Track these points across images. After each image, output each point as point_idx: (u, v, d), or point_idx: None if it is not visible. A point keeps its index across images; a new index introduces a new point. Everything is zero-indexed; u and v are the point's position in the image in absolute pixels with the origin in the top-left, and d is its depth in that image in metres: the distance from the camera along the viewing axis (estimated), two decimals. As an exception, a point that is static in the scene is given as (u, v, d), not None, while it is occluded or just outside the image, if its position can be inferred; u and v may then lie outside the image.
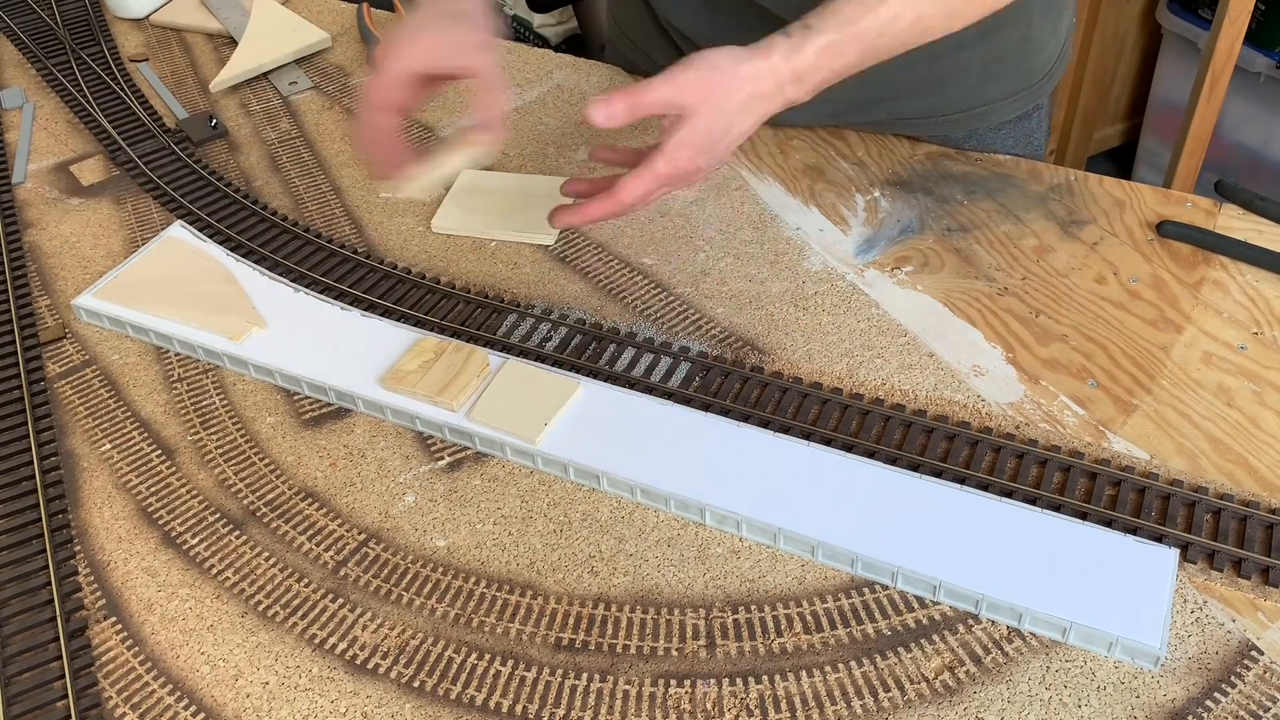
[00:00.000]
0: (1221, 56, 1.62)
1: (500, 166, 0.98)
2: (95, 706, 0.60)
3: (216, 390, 0.78)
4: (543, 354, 0.78)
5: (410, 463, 0.72)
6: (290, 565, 0.66)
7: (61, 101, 1.10)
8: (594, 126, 0.70)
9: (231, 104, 1.09)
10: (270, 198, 0.96)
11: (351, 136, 1.00)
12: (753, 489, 0.66)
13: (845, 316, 0.80)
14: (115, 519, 0.70)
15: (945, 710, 0.57)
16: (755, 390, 0.74)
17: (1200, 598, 0.61)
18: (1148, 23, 2.11)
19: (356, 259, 0.88)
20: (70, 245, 0.92)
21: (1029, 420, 0.72)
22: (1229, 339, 0.77)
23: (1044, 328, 0.78)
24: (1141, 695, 0.57)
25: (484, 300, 0.83)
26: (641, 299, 0.83)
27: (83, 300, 0.83)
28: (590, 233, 0.90)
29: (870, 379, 0.76)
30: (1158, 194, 0.89)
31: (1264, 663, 0.58)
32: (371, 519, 0.69)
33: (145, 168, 0.99)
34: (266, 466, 0.72)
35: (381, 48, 0.75)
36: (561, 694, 0.59)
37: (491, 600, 0.64)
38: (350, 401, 0.76)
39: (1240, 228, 0.85)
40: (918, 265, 0.84)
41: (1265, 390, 0.73)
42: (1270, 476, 0.67)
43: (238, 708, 0.59)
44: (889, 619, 0.61)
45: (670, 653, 0.61)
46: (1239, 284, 0.81)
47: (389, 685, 0.60)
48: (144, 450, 0.74)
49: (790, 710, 0.58)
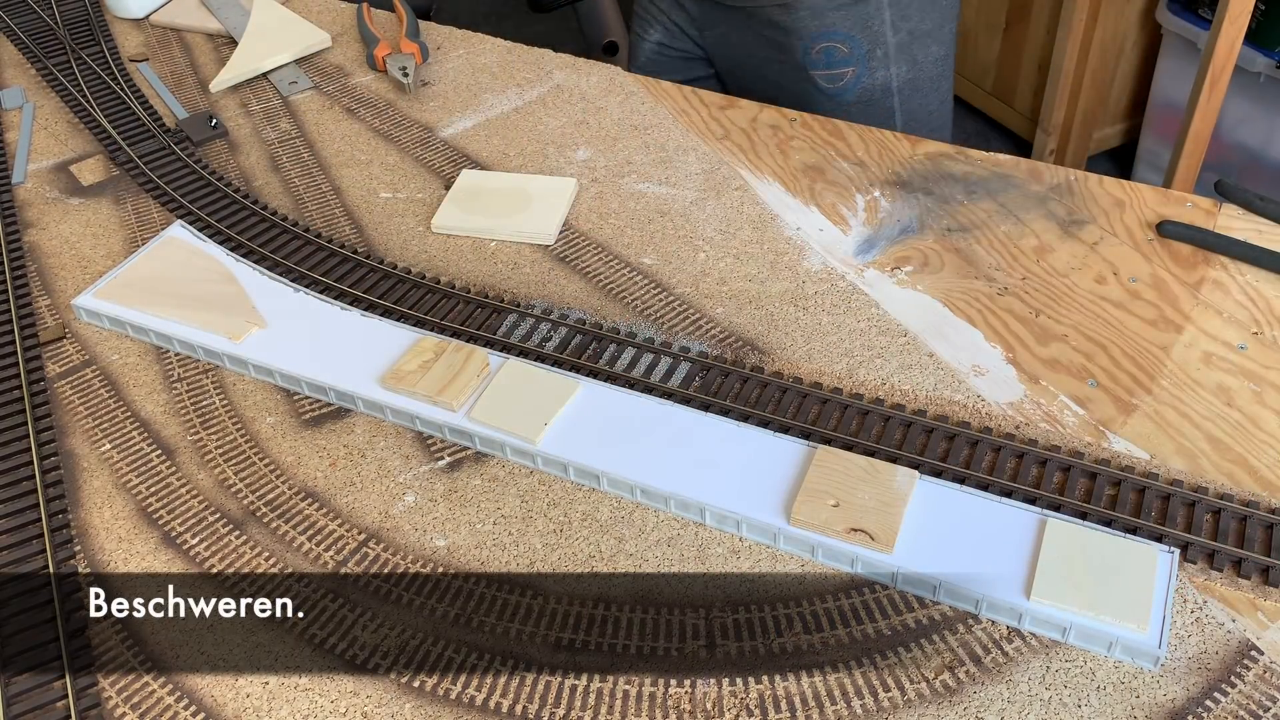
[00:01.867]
0: (1221, 56, 1.62)
1: (500, 166, 0.98)
2: (95, 706, 0.60)
3: (216, 390, 0.78)
4: (543, 354, 0.78)
5: (410, 463, 0.72)
6: (290, 565, 0.66)
7: (61, 101, 1.10)
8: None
9: (231, 104, 1.09)
10: (270, 198, 0.96)
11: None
12: (753, 489, 0.66)
13: (845, 316, 0.80)
14: (115, 519, 0.70)
15: (945, 710, 0.57)
16: (755, 390, 0.74)
17: (1200, 598, 0.61)
18: (1148, 23, 2.11)
19: (356, 259, 0.88)
20: (70, 245, 0.92)
21: (1029, 420, 0.72)
22: (1229, 339, 0.77)
23: (1044, 328, 0.78)
24: (1141, 695, 0.57)
25: (484, 300, 0.83)
26: (641, 299, 0.83)
27: (83, 300, 0.83)
28: (590, 233, 0.90)
29: (870, 379, 0.76)
30: (1158, 194, 0.89)
31: (1264, 663, 0.58)
32: (371, 519, 0.69)
33: (145, 168, 0.99)
34: (266, 466, 0.72)
35: None
36: (561, 694, 0.59)
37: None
38: (350, 401, 0.75)
39: (1240, 228, 0.85)
40: (918, 265, 0.84)
41: (1265, 390, 0.73)
42: (1270, 476, 0.67)
43: (238, 708, 0.59)
44: (889, 619, 0.61)
45: (670, 653, 0.61)
46: (1239, 284, 0.81)
47: (389, 685, 0.60)
48: (144, 450, 0.74)
49: (790, 710, 0.58)
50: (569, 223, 0.91)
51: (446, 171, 0.98)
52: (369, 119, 1.06)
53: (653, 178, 0.95)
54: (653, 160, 0.97)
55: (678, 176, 0.95)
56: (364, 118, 1.06)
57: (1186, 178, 1.76)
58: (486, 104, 1.07)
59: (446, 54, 1.15)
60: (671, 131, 1.01)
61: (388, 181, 0.97)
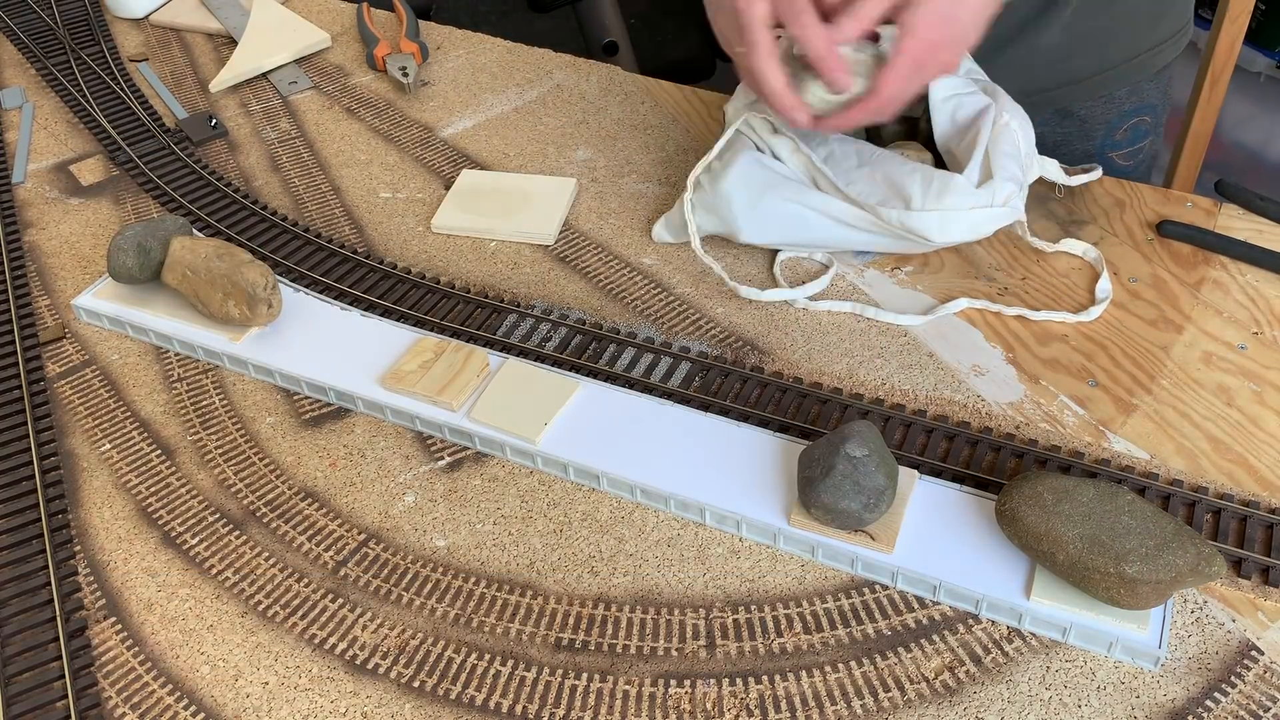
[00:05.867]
0: (1221, 56, 1.62)
1: (500, 166, 0.98)
2: (95, 706, 0.60)
3: (216, 390, 0.78)
4: (543, 354, 0.78)
5: (410, 463, 0.72)
6: (290, 565, 0.66)
7: (61, 101, 1.10)
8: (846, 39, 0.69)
9: (231, 104, 1.09)
10: (270, 198, 0.96)
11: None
12: (753, 489, 0.66)
13: (845, 316, 0.80)
14: (115, 519, 0.70)
15: (945, 710, 0.57)
16: (755, 390, 0.74)
17: (1200, 598, 0.61)
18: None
19: (356, 259, 0.88)
20: (70, 245, 0.92)
21: (1029, 420, 0.72)
22: (1229, 339, 0.77)
23: (1044, 328, 0.78)
24: (1141, 695, 0.57)
25: (484, 300, 0.83)
26: (641, 299, 0.83)
27: (83, 300, 0.83)
28: (590, 233, 0.90)
29: (870, 379, 0.76)
30: (1158, 194, 0.89)
31: (1264, 663, 0.58)
32: (371, 519, 0.69)
33: (145, 168, 0.99)
34: (266, 466, 0.72)
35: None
36: (561, 694, 0.59)
37: (491, 600, 0.64)
38: (350, 401, 0.76)
39: (1240, 228, 0.85)
40: (918, 265, 0.84)
41: (1265, 390, 0.73)
42: (1270, 476, 0.67)
43: (238, 708, 0.59)
44: (889, 619, 0.61)
45: (670, 653, 0.61)
46: (1239, 284, 0.81)
47: (389, 685, 0.60)
48: (144, 450, 0.74)
49: (790, 710, 0.58)
50: (569, 223, 0.91)
51: (446, 171, 0.98)
52: (369, 119, 1.06)
53: (653, 178, 0.95)
54: (653, 160, 0.98)
55: (678, 176, 0.95)
56: (364, 118, 1.06)
57: (1186, 178, 1.76)
58: (486, 104, 1.07)
59: (446, 54, 1.15)
60: (671, 131, 1.01)
61: (388, 181, 0.97)
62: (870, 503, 0.61)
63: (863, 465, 0.61)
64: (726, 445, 0.69)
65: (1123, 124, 1.02)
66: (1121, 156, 1.04)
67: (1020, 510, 0.59)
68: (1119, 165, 1.05)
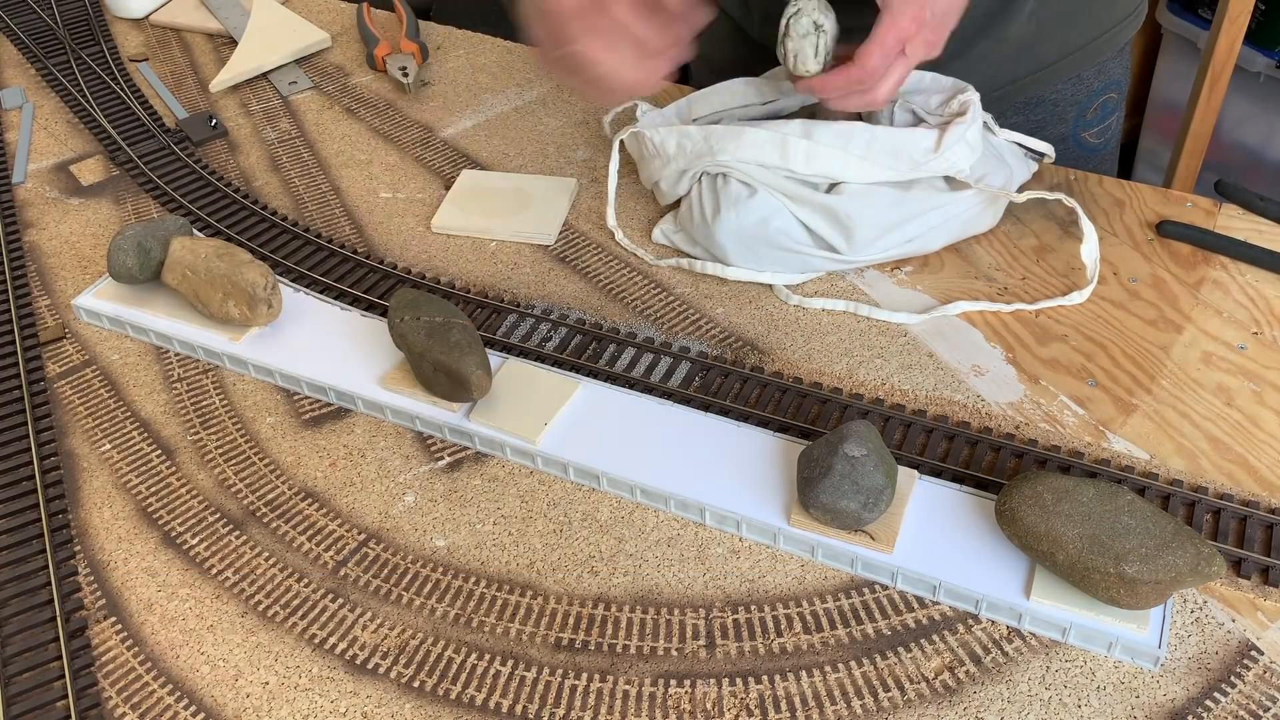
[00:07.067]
0: (1221, 56, 1.62)
1: (500, 166, 0.98)
2: (95, 706, 0.60)
3: (216, 390, 0.78)
4: (543, 354, 0.78)
5: (410, 463, 0.72)
6: (290, 565, 0.66)
7: (61, 101, 1.10)
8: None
9: (231, 104, 1.09)
10: (270, 198, 0.96)
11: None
12: (753, 489, 0.66)
13: (845, 316, 0.80)
14: (115, 519, 0.70)
15: (945, 710, 0.57)
16: (755, 390, 0.74)
17: (1200, 598, 0.61)
18: (1148, 23, 2.11)
19: (356, 259, 0.88)
20: (70, 245, 0.92)
21: (1029, 420, 0.72)
22: (1229, 339, 0.77)
23: (1044, 328, 0.78)
24: (1141, 695, 0.57)
25: (484, 300, 0.83)
26: (641, 299, 0.83)
27: (83, 300, 0.83)
28: (590, 233, 0.90)
29: (870, 379, 0.76)
30: (1158, 194, 0.89)
31: (1264, 663, 0.58)
32: (371, 519, 0.69)
33: (145, 168, 0.99)
34: (266, 466, 0.72)
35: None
36: (561, 694, 0.59)
37: (491, 600, 0.64)
38: (350, 401, 0.76)
39: (1240, 228, 0.85)
40: (918, 265, 0.84)
41: (1265, 390, 0.73)
42: (1270, 476, 0.67)
43: (238, 708, 0.59)
44: (889, 619, 0.61)
45: (670, 653, 0.61)
46: (1239, 284, 0.81)
47: (389, 685, 0.60)
48: (144, 450, 0.74)
49: (790, 710, 0.58)
50: (569, 223, 0.91)
51: (446, 171, 0.98)
52: (369, 119, 1.06)
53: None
54: (653, 160, 0.97)
55: (678, 176, 0.95)
56: (364, 118, 1.06)
57: (1186, 178, 1.76)
58: (486, 104, 1.07)
59: (446, 54, 1.15)
60: (671, 131, 1.01)
61: (388, 181, 0.97)
62: (869, 502, 0.61)
63: (861, 465, 0.61)
64: (726, 445, 0.69)
65: (1092, 103, 1.03)
66: (1093, 135, 1.06)
67: (1020, 510, 0.59)
68: (1091, 144, 1.06)
